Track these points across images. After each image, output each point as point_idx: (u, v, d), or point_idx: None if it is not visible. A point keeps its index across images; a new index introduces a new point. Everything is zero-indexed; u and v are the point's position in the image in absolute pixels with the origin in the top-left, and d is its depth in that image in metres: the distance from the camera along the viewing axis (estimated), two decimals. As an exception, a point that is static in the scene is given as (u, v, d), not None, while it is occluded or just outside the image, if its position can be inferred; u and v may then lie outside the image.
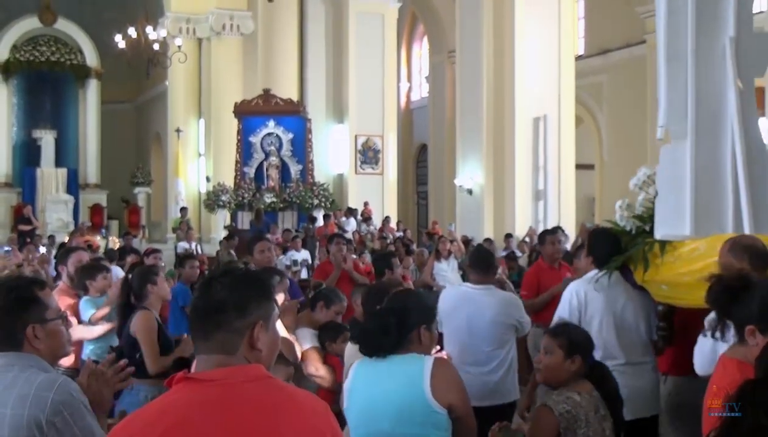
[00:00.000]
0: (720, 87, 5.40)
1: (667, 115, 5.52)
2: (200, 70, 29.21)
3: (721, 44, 5.40)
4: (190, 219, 25.24)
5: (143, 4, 29.34)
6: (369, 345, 4.07)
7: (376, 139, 26.81)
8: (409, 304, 4.15)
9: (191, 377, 2.40)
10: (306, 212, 23.73)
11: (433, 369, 3.89)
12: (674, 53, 5.49)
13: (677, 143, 5.51)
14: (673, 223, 5.45)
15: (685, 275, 5.10)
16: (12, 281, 3.36)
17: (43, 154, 30.87)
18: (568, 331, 4.33)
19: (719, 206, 5.35)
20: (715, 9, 5.40)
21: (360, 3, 26.48)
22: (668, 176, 5.58)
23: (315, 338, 6.02)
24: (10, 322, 3.18)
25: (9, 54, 31.34)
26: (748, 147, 5.28)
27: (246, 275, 2.60)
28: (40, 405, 3.00)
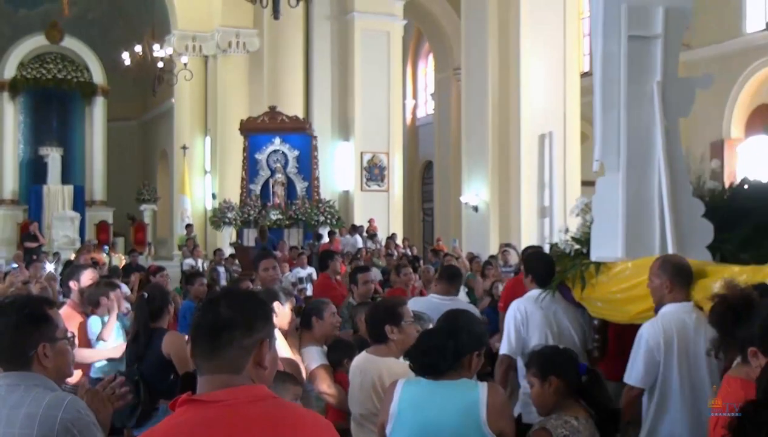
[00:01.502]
0: (648, 126, 6.01)
1: (602, 150, 6.10)
2: (206, 88, 29.33)
3: (649, 88, 6.02)
4: (196, 236, 25.27)
5: (150, 22, 29.52)
6: (424, 364, 4.05)
7: (382, 156, 26.83)
8: (466, 328, 4.15)
9: (195, 399, 2.40)
10: (312, 229, 23.73)
11: (488, 396, 3.89)
12: (608, 96, 6.07)
13: (611, 175, 6.10)
14: (607, 246, 6.04)
15: (616, 292, 5.72)
16: (23, 299, 3.39)
17: (50, 171, 30.99)
18: (536, 357, 4.33)
19: (647, 232, 5.95)
20: (644, 57, 6.04)
21: (366, 20, 26.56)
22: (603, 204, 6.18)
23: (323, 355, 5.95)
24: (22, 340, 3.20)
25: (16, 72, 31.47)
26: (672, 179, 5.88)
27: (250, 294, 2.63)
28: (49, 423, 3.02)
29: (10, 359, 3.21)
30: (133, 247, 26.05)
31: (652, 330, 4.94)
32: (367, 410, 4.94)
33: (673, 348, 4.88)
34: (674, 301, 5.04)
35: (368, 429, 4.89)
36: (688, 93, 6.20)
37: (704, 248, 5.75)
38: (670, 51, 6.08)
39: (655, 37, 6.04)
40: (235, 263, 19.43)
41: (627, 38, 6.00)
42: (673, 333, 4.89)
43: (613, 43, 6.04)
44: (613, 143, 6.04)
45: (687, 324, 4.93)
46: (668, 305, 5.05)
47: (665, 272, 5.07)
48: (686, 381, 4.88)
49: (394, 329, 5.03)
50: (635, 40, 6.01)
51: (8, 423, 3.04)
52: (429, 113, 36.58)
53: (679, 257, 5.30)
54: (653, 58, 6.04)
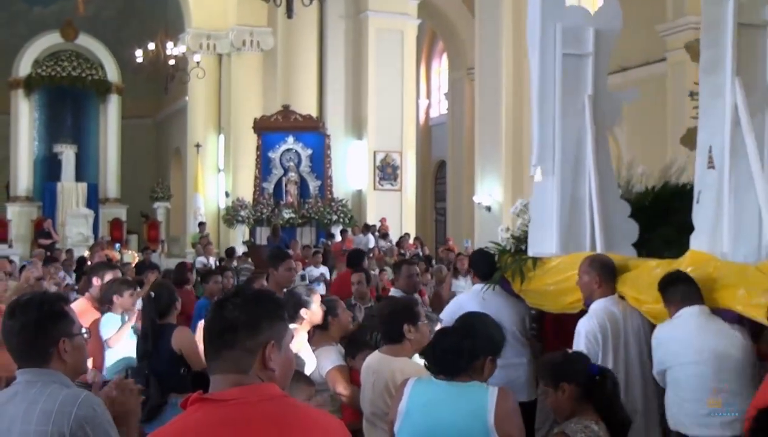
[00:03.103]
0: (580, 135, 6.65)
1: (539, 156, 6.72)
2: (220, 86, 29.36)
3: (581, 101, 6.66)
4: (209, 234, 25.33)
5: (164, 20, 29.59)
6: (439, 364, 4.07)
7: (395, 155, 26.83)
8: (482, 332, 4.18)
9: (207, 397, 2.42)
10: (324, 228, 23.78)
11: (498, 400, 3.91)
12: (544, 107, 6.68)
13: (546, 178, 6.73)
14: (543, 243, 6.72)
15: (551, 285, 6.42)
16: (41, 296, 3.43)
17: (64, 168, 31.05)
18: (545, 366, 4.34)
19: (579, 230, 6.63)
20: (576, 73, 6.68)
21: (380, 20, 26.56)
22: (539, 205, 6.82)
23: (340, 355, 5.94)
24: (42, 335, 3.26)
25: (31, 69, 31.53)
26: (600, 183, 6.55)
27: (258, 295, 2.62)
28: (64, 420, 3.07)
29: (31, 355, 3.25)
30: (146, 244, 26.15)
31: (589, 325, 5.54)
32: (379, 409, 4.95)
33: (608, 338, 5.50)
34: (603, 295, 5.71)
35: (380, 428, 4.90)
36: (616, 106, 6.91)
37: (630, 245, 6.43)
38: (600, 68, 6.76)
39: (586, 55, 6.70)
40: (248, 262, 19.48)
41: (561, 56, 6.62)
42: (607, 325, 5.52)
43: (549, 59, 6.65)
44: (549, 150, 6.67)
45: (616, 315, 5.61)
46: (598, 300, 5.71)
47: (593, 270, 5.75)
48: (620, 365, 5.45)
49: (412, 328, 5.04)
50: (568, 58, 6.64)
51: (25, 419, 3.08)
52: (442, 113, 36.55)
53: (604, 255, 6.00)
54: (585, 74, 6.70)
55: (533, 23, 6.74)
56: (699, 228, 5.78)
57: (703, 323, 5.05)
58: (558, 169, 6.63)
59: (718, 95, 5.67)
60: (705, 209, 5.75)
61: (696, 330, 5.04)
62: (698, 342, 5.00)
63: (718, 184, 5.64)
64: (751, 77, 5.59)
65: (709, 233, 5.67)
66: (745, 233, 5.50)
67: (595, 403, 4.09)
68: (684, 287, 5.16)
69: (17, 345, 3.29)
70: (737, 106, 5.48)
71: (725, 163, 5.57)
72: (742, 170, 5.50)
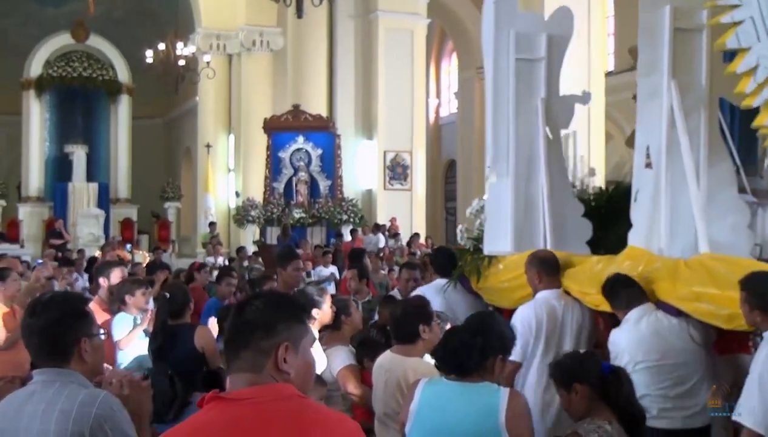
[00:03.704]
0: (533, 137, 6.90)
1: (493, 158, 6.97)
2: (230, 86, 29.41)
3: (534, 104, 6.91)
4: (219, 234, 25.37)
5: (174, 21, 29.65)
6: (450, 363, 4.07)
7: (405, 155, 26.82)
8: (493, 330, 4.17)
9: (222, 396, 2.42)
10: (335, 228, 23.79)
11: (509, 402, 3.90)
12: (499, 110, 6.93)
13: (501, 180, 6.99)
14: (498, 242, 6.97)
15: (504, 281, 6.75)
16: (62, 295, 3.46)
17: (75, 169, 31.13)
18: (557, 367, 4.32)
19: (533, 229, 6.86)
20: (529, 77, 6.92)
21: (389, 19, 26.55)
22: (494, 206, 7.09)
23: (351, 355, 5.96)
24: (63, 334, 3.27)
25: (42, 70, 31.65)
26: (553, 183, 6.81)
27: (278, 297, 2.65)
28: (83, 420, 3.07)
29: (51, 353, 3.26)
30: (157, 244, 26.20)
31: (524, 313, 5.94)
32: (391, 409, 4.96)
33: (542, 327, 5.83)
34: (545, 288, 6.04)
35: (392, 428, 4.90)
36: (569, 108, 7.19)
37: (584, 243, 6.70)
38: (553, 72, 6.99)
39: (539, 60, 6.94)
40: (258, 261, 19.50)
41: (515, 60, 6.86)
42: (543, 315, 5.86)
43: (503, 64, 6.89)
44: (503, 152, 6.92)
45: (555, 307, 5.94)
46: (540, 292, 6.05)
47: (533, 266, 6.10)
48: (551, 354, 5.73)
49: (426, 328, 5.05)
50: (522, 62, 6.89)
51: (44, 419, 3.09)
52: (452, 112, 36.56)
53: (545, 251, 6.34)
54: (537, 77, 6.94)
55: (487, 29, 6.98)
56: (637, 225, 6.04)
57: (651, 322, 5.30)
58: (512, 170, 6.88)
59: (654, 97, 5.90)
60: (642, 206, 6.01)
61: (646, 331, 5.27)
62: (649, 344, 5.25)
63: (655, 182, 5.89)
64: (687, 79, 5.83)
65: (646, 230, 5.93)
66: (682, 230, 5.74)
67: (610, 402, 4.08)
68: (627, 290, 5.42)
69: (38, 342, 3.29)
70: (673, 108, 5.70)
71: (662, 162, 5.82)
72: (677, 169, 5.74)
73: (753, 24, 4.99)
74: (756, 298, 4.52)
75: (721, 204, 5.70)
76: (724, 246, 5.50)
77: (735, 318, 4.88)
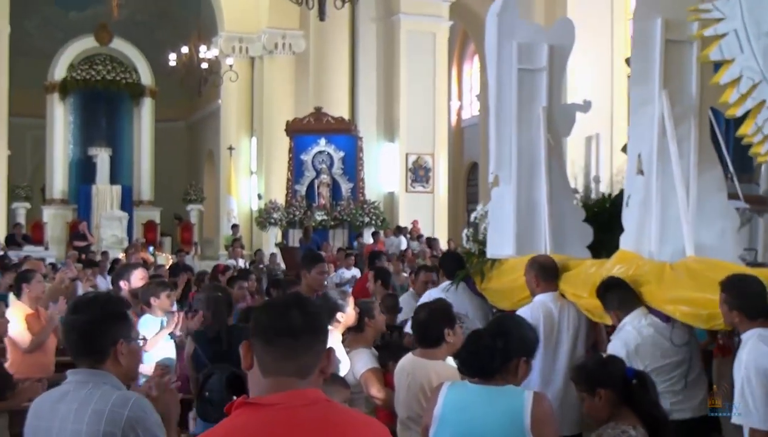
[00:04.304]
0: (535, 144, 7.11)
1: (496, 164, 7.27)
2: (252, 89, 29.54)
3: (536, 112, 7.11)
4: (242, 237, 25.44)
5: (197, 23, 29.77)
6: (472, 366, 4.05)
7: (427, 157, 26.82)
8: (515, 332, 4.15)
9: (252, 402, 2.42)
10: (356, 230, 23.81)
11: (534, 405, 3.87)
12: (502, 119, 7.21)
13: (504, 185, 7.25)
14: (501, 245, 7.19)
15: (506, 283, 6.94)
16: (104, 297, 3.50)
17: (99, 171, 31.36)
18: (580, 371, 4.30)
19: (534, 233, 7.07)
20: (531, 86, 7.14)
21: (411, 22, 26.58)
22: (497, 210, 7.33)
23: (374, 358, 5.93)
24: (101, 334, 3.31)
25: (66, 73, 31.89)
26: (554, 189, 7.03)
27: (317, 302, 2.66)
28: (116, 421, 3.11)
29: (89, 352, 3.31)
30: (180, 247, 26.30)
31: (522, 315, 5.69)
32: (414, 413, 4.96)
33: (540, 330, 5.76)
34: (543, 292, 6.24)
35: (415, 431, 4.91)
36: (570, 116, 7.37)
37: (584, 247, 6.89)
38: (555, 81, 7.20)
39: (540, 70, 7.14)
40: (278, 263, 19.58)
41: (517, 70, 7.08)
42: (540, 317, 6.00)
43: (506, 74, 7.12)
44: (506, 159, 7.17)
45: (552, 310, 6.12)
46: (538, 295, 6.25)
47: (532, 270, 6.29)
48: (549, 355, 5.99)
49: (451, 332, 5.05)
50: (524, 72, 7.12)
51: (77, 419, 3.13)
52: (474, 115, 36.47)
53: (544, 256, 6.53)
54: (539, 87, 7.15)
55: (490, 40, 7.24)
56: (628, 229, 6.22)
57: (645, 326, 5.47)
58: (514, 176, 7.12)
59: (646, 106, 6.10)
60: (633, 211, 6.20)
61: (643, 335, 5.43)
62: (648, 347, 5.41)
63: (646, 188, 6.09)
64: (678, 89, 6.00)
65: (637, 234, 6.12)
66: (671, 234, 5.93)
67: (634, 407, 4.05)
68: (619, 292, 5.59)
69: (76, 340, 3.33)
70: (663, 117, 5.89)
71: (653, 169, 6.00)
72: (668, 176, 5.94)
73: (736, 36, 5.19)
74: (735, 299, 4.72)
75: (710, 210, 5.85)
76: (711, 250, 5.69)
77: (714, 318, 5.09)
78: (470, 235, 8.46)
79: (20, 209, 29.76)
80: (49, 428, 3.17)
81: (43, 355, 7.56)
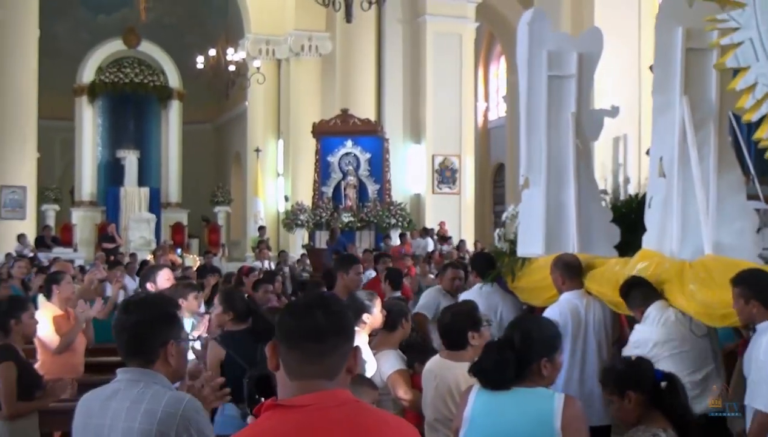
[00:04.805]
0: (564, 148, 7.40)
1: (527, 167, 7.59)
2: (279, 91, 29.66)
3: (566, 117, 7.41)
4: (269, 238, 25.51)
5: (224, 26, 29.91)
6: (488, 380, 4.01)
7: (454, 158, 26.81)
8: (532, 335, 4.07)
9: (282, 404, 2.40)
10: (383, 232, 23.80)
11: (565, 407, 3.85)
12: (532, 123, 7.53)
13: (534, 187, 7.54)
14: (530, 245, 7.47)
15: (535, 282, 7.20)
16: (155, 297, 3.54)
17: (127, 173, 31.66)
18: (610, 374, 4.25)
19: (563, 233, 7.32)
20: (561, 92, 7.43)
21: (438, 23, 26.59)
22: (527, 211, 7.64)
23: (401, 360, 5.90)
24: (153, 335, 3.36)
25: (94, 76, 32.18)
26: (582, 191, 7.30)
27: (341, 302, 2.65)
28: (169, 421, 3.15)
29: (139, 352, 3.34)
30: (207, 248, 26.41)
31: (550, 313, 6.20)
32: (441, 415, 4.96)
33: (567, 326, 6.17)
34: (569, 290, 6.51)
35: (442, 433, 4.96)
36: (598, 121, 7.64)
37: (611, 247, 7.10)
38: (584, 87, 7.48)
39: (570, 76, 7.42)
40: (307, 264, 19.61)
41: (547, 77, 7.37)
42: (567, 315, 6.26)
43: (536, 80, 7.43)
44: (536, 162, 7.47)
45: (578, 307, 6.39)
46: (564, 293, 6.52)
47: (557, 268, 6.58)
48: (578, 352, 6.31)
49: (476, 335, 5.05)
50: (554, 79, 7.40)
51: (128, 416, 3.17)
52: (501, 116, 36.45)
53: (568, 255, 6.78)
54: (569, 93, 7.42)
55: (521, 48, 7.59)
56: (650, 230, 6.50)
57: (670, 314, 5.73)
58: (544, 179, 7.41)
59: (667, 111, 6.35)
60: (655, 212, 6.46)
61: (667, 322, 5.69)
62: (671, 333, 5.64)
63: (668, 190, 6.34)
64: (698, 95, 6.25)
65: (659, 234, 6.38)
66: (691, 234, 6.17)
67: (664, 410, 4.02)
68: (642, 290, 5.86)
69: (127, 339, 3.36)
70: (684, 122, 6.14)
71: (674, 172, 6.25)
72: (688, 178, 6.20)
73: (752, 45, 5.38)
74: (752, 290, 4.90)
75: (729, 210, 6.07)
76: (731, 250, 5.91)
77: (727, 317, 5.32)
78: (502, 234, 8.75)
79: (50, 211, 29.97)
80: (101, 425, 3.20)
81: (73, 356, 7.60)
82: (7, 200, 24.29)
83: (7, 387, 5.79)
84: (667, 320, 5.69)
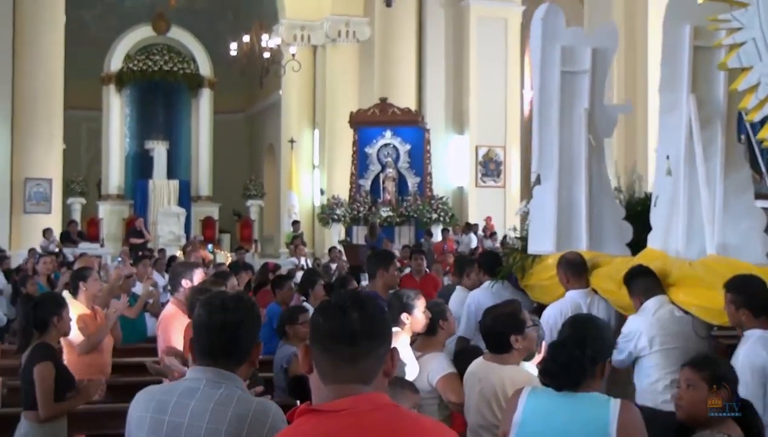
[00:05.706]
0: (577, 144, 7.64)
1: (539, 163, 7.82)
2: (314, 79, 29.73)
3: (578, 113, 7.65)
4: (303, 234, 25.56)
5: (257, 11, 29.98)
6: (561, 379, 4.00)
7: (498, 150, 26.75)
8: (599, 337, 4.18)
9: (315, 408, 2.43)
10: (424, 227, 23.78)
11: (621, 413, 3.87)
12: (544, 119, 7.76)
13: (546, 183, 7.77)
14: (541, 242, 7.71)
15: (545, 279, 7.44)
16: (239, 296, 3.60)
17: (156, 165, 31.85)
18: (713, 363, 4.27)
19: (574, 230, 7.58)
20: (574, 88, 7.67)
21: (482, 7, 26.52)
22: (539, 208, 7.88)
23: (450, 363, 5.88)
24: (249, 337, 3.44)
25: (122, 64, 32.42)
26: (595, 188, 7.60)
27: (378, 302, 2.64)
28: (259, 427, 3.20)
29: (232, 352, 3.38)
30: (239, 244, 26.49)
31: (551, 311, 6.72)
32: (485, 421, 4.96)
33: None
34: (573, 288, 6.82)
35: (485, 439, 4.90)
36: (612, 117, 7.97)
37: (623, 245, 7.37)
38: (597, 83, 7.73)
39: (583, 72, 7.66)
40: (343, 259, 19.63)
41: (560, 73, 7.63)
42: (568, 313, 6.32)
43: (549, 76, 7.68)
44: (548, 158, 7.72)
45: (580, 306, 6.64)
46: (569, 292, 6.83)
47: (561, 267, 6.90)
48: None
49: (519, 338, 5.02)
50: (567, 75, 7.66)
51: (214, 419, 3.21)
52: (548, 105, 36.21)
53: (572, 253, 7.05)
54: (582, 89, 7.67)
55: (535, 43, 7.87)
56: (656, 228, 6.80)
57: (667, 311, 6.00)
58: (555, 175, 7.65)
59: (674, 110, 6.64)
60: (661, 211, 6.77)
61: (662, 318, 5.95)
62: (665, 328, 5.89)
63: (674, 189, 6.65)
64: (705, 94, 6.55)
65: (664, 233, 6.70)
66: (697, 233, 6.45)
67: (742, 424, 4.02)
68: (645, 279, 6.14)
69: (225, 339, 3.36)
70: (691, 120, 6.42)
71: (680, 170, 6.54)
72: (695, 177, 6.47)
73: (755, 45, 5.62)
74: (742, 297, 5.27)
75: (735, 210, 6.35)
76: (736, 249, 6.18)
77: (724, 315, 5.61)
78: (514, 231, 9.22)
79: (75, 204, 29.99)
80: (179, 424, 3.22)
81: (100, 355, 7.64)
82: (31, 193, 24.51)
83: (46, 388, 5.82)
84: (663, 315, 5.97)
